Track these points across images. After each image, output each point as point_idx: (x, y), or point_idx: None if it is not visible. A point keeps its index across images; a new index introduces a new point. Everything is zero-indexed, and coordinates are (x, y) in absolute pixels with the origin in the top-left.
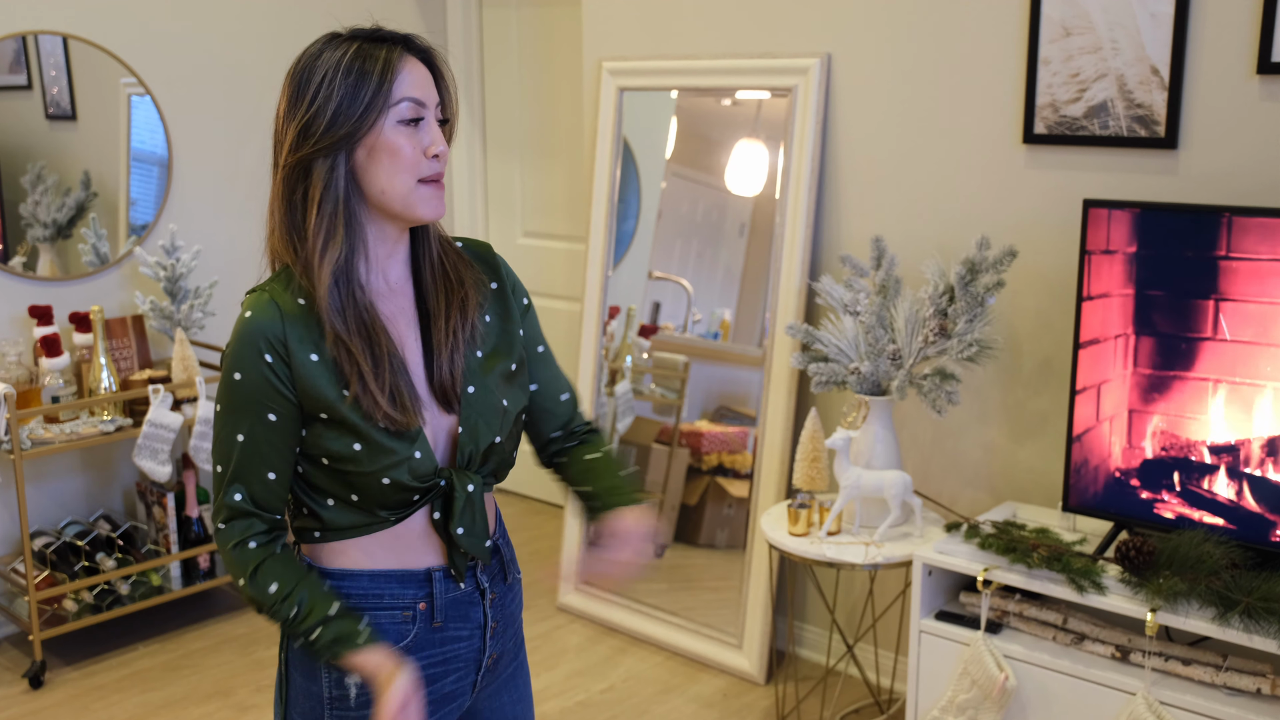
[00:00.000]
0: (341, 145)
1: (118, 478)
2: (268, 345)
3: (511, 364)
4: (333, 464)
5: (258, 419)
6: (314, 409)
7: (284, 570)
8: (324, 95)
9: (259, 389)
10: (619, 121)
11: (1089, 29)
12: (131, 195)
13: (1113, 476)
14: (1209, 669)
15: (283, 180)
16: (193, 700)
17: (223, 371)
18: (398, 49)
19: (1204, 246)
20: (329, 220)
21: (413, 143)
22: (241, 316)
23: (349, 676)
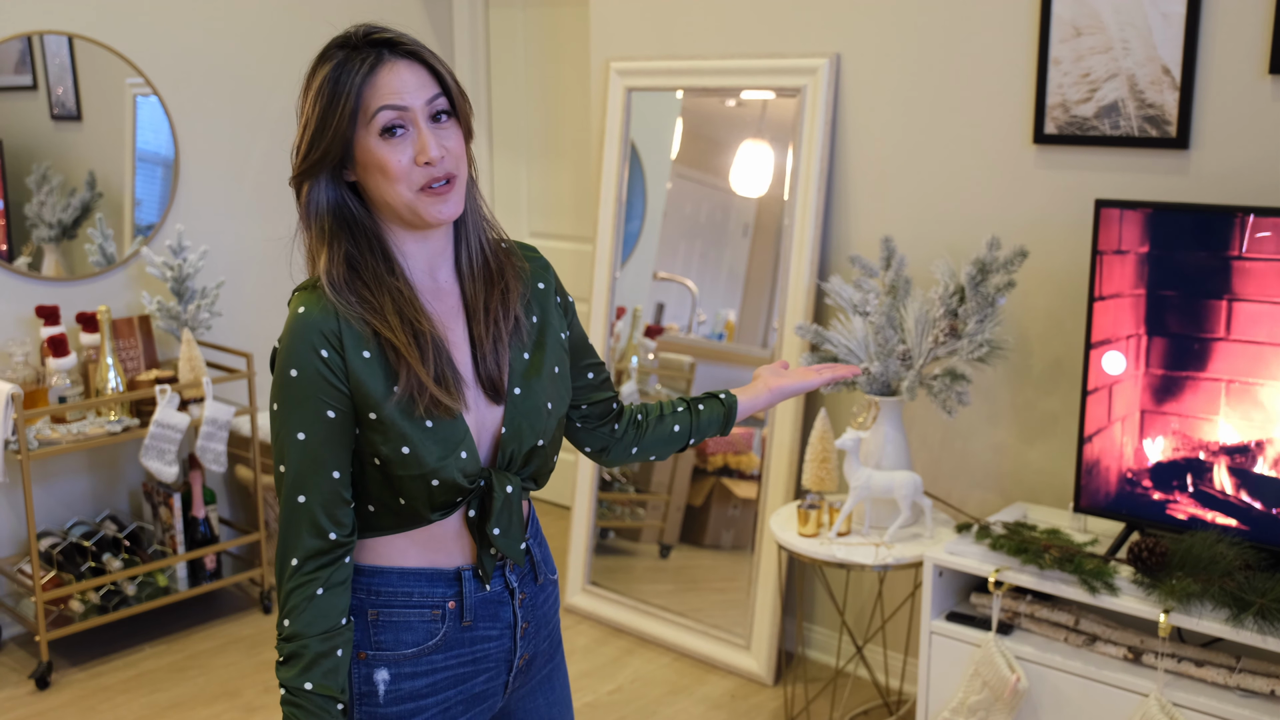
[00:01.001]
0: (318, 168)
1: (124, 478)
2: (323, 340)
3: (555, 365)
4: (384, 466)
5: (317, 416)
6: (365, 407)
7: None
8: (307, 117)
9: (316, 385)
10: (627, 122)
11: (1100, 29)
12: (136, 195)
13: (1124, 477)
14: (1222, 670)
15: (296, 197)
16: (200, 701)
17: (277, 369)
18: (376, 54)
19: (1217, 246)
20: (317, 238)
21: (399, 154)
22: (294, 312)
23: (377, 673)
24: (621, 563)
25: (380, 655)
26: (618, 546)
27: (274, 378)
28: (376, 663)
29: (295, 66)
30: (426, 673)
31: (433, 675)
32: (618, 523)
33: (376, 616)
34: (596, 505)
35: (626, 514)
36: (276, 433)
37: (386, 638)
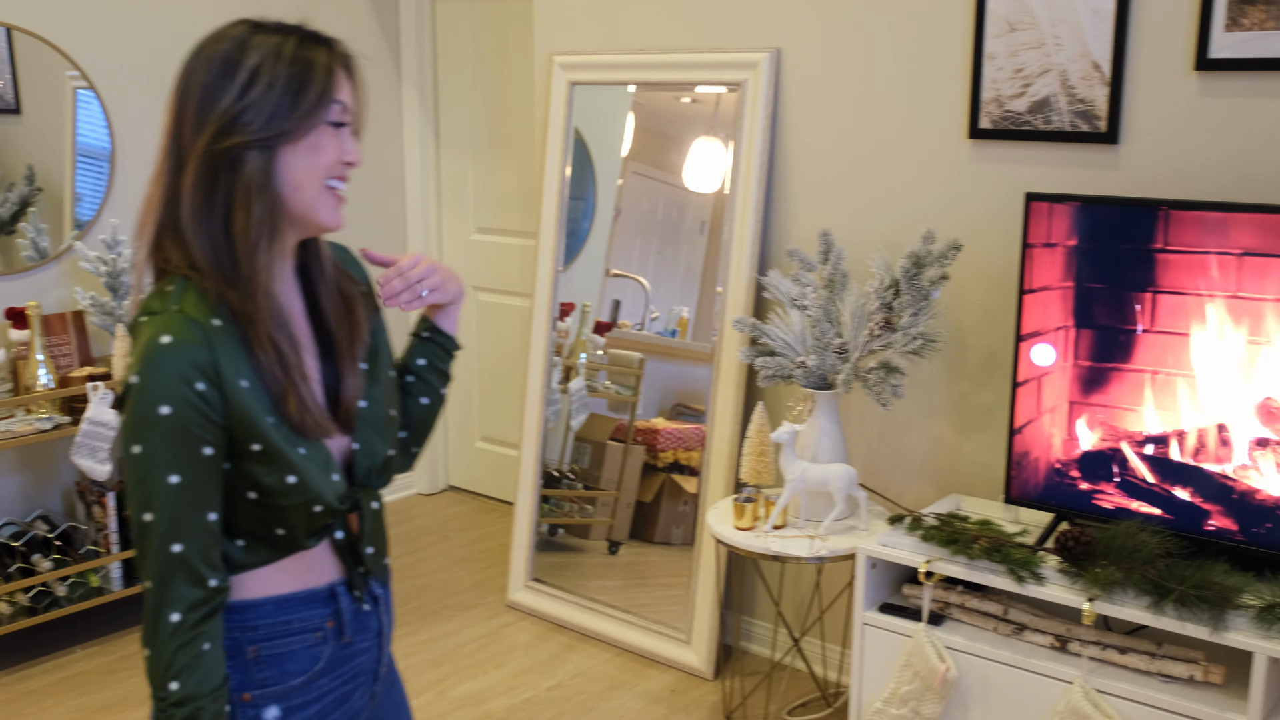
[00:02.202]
0: (281, 139)
1: (57, 477)
2: (197, 373)
3: (388, 369)
4: (261, 497)
5: (192, 456)
6: (246, 439)
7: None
8: (264, 82)
9: (192, 422)
10: (570, 115)
11: (1033, 24)
12: (78, 190)
13: (1053, 468)
14: (1144, 657)
15: (200, 173)
16: (131, 703)
17: (138, 407)
18: (333, 51)
19: (1141, 239)
20: (267, 216)
21: (335, 145)
22: (153, 341)
23: (266, 711)
24: (570, 559)
25: (268, 692)
26: (566, 543)
27: (133, 417)
28: (264, 701)
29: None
30: (316, 699)
31: (321, 701)
32: (566, 519)
33: (257, 653)
34: (539, 502)
35: (575, 510)
36: (141, 478)
37: (271, 672)
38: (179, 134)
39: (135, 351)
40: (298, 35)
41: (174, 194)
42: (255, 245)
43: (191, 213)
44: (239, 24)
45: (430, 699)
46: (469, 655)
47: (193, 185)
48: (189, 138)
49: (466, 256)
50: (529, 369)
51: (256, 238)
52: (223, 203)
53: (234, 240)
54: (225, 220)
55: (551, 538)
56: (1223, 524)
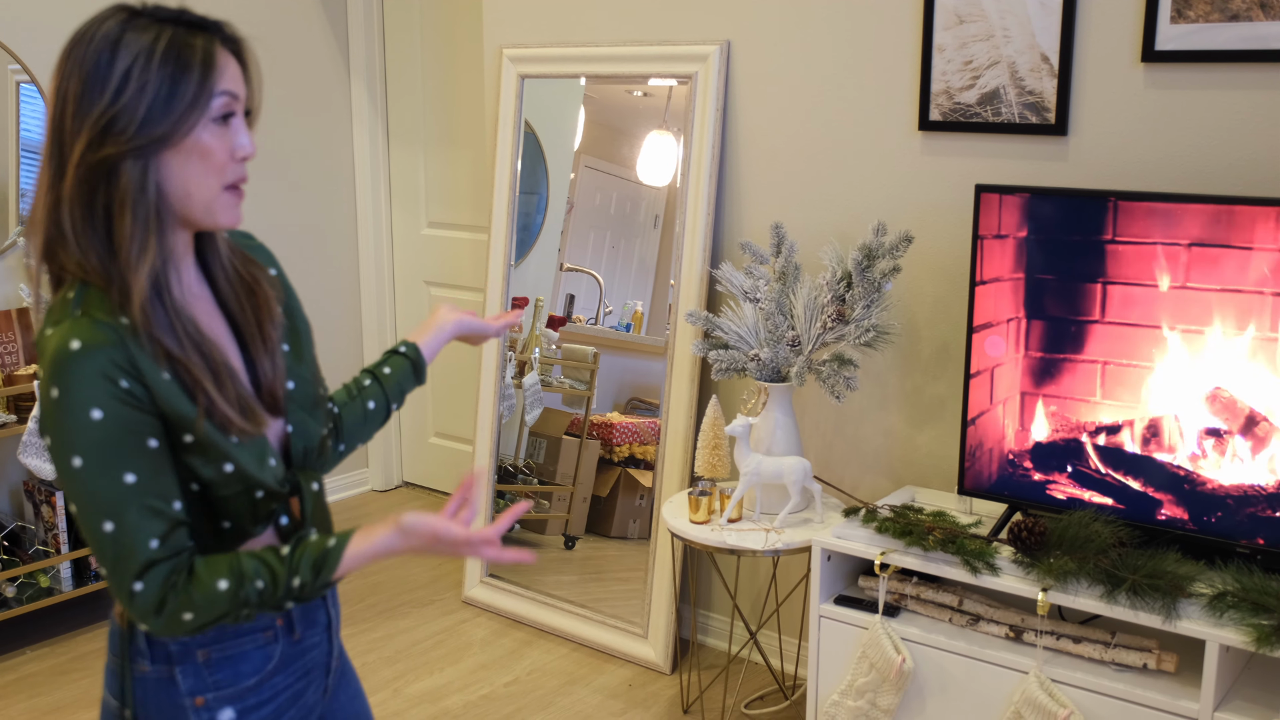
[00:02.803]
0: (158, 145)
1: (4, 476)
2: (118, 370)
3: (309, 348)
4: (204, 490)
5: (140, 451)
6: (179, 432)
7: (214, 567)
8: (135, 86)
9: (128, 420)
10: (520, 109)
11: (981, 16)
12: (23, 186)
13: (1006, 459)
14: (1098, 646)
15: (79, 182)
16: (83, 705)
17: (65, 418)
18: (214, 39)
19: (1091, 231)
20: (142, 228)
21: (223, 144)
22: (65, 349)
23: (221, 714)
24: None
25: (221, 694)
26: (522, 538)
27: (63, 430)
28: (218, 704)
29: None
30: (270, 698)
31: (275, 700)
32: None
33: (208, 655)
34: (495, 497)
35: (531, 506)
36: (93, 491)
37: (224, 674)
38: (59, 140)
39: (45, 364)
40: (174, 25)
41: (56, 205)
42: (130, 261)
43: (74, 224)
44: (113, 14)
45: (386, 696)
46: (425, 652)
47: (72, 196)
48: (67, 145)
49: (418, 251)
50: (482, 364)
51: (132, 253)
52: (103, 214)
53: (117, 255)
54: (107, 233)
55: (508, 533)
56: (1174, 513)
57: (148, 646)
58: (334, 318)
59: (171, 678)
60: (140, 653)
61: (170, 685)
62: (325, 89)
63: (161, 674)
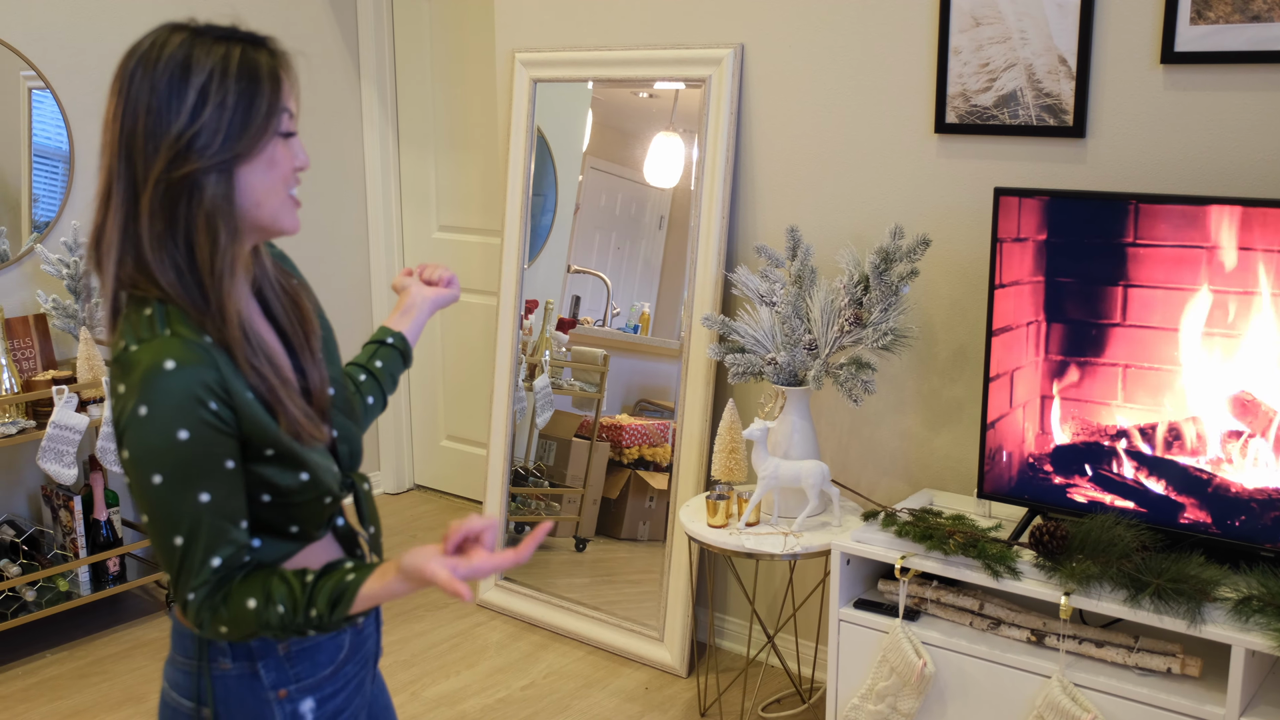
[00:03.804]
0: (238, 160)
1: (23, 482)
2: (209, 393)
3: (336, 352)
4: (276, 498)
5: (217, 472)
6: (261, 446)
7: (249, 585)
8: (214, 103)
9: (211, 441)
10: (532, 113)
11: (998, 19)
12: (35, 192)
13: (1026, 462)
14: (1121, 650)
15: (159, 200)
16: (103, 708)
17: (149, 436)
18: (274, 55)
19: (1112, 233)
20: (229, 240)
21: (288, 155)
22: (158, 368)
23: (302, 704)
24: (537, 557)
25: (302, 685)
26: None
27: (146, 447)
28: (300, 695)
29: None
30: (343, 687)
31: (346, 688)
32: (532, 517)
33: (288, 648)
34: (509, 500)
35: (541, 508)
36: (169, 506)
37: (303, 666)
38: (129, 159)
39: (133, 381)
40: (239, 42)
41: (131, 224)
42: (222, 273)
43: (153, 243)
44: (175, 31)
45: (405, 699)
46: (441, 655)
47: (150, 214)
48: (141, 165)
49: (429, 255)
50: (496, 367)
51: (223, 265)
52: (184, 231)
53: (199, 270)
54: (189, 249)
55: (518, 535)
56: (1197, 517)
57: (229, 644)
58: (346, 321)
59: (254, 673)
60: (221, 651)
61: (253, 680)
62: (336, 92)
63: (243, 670)
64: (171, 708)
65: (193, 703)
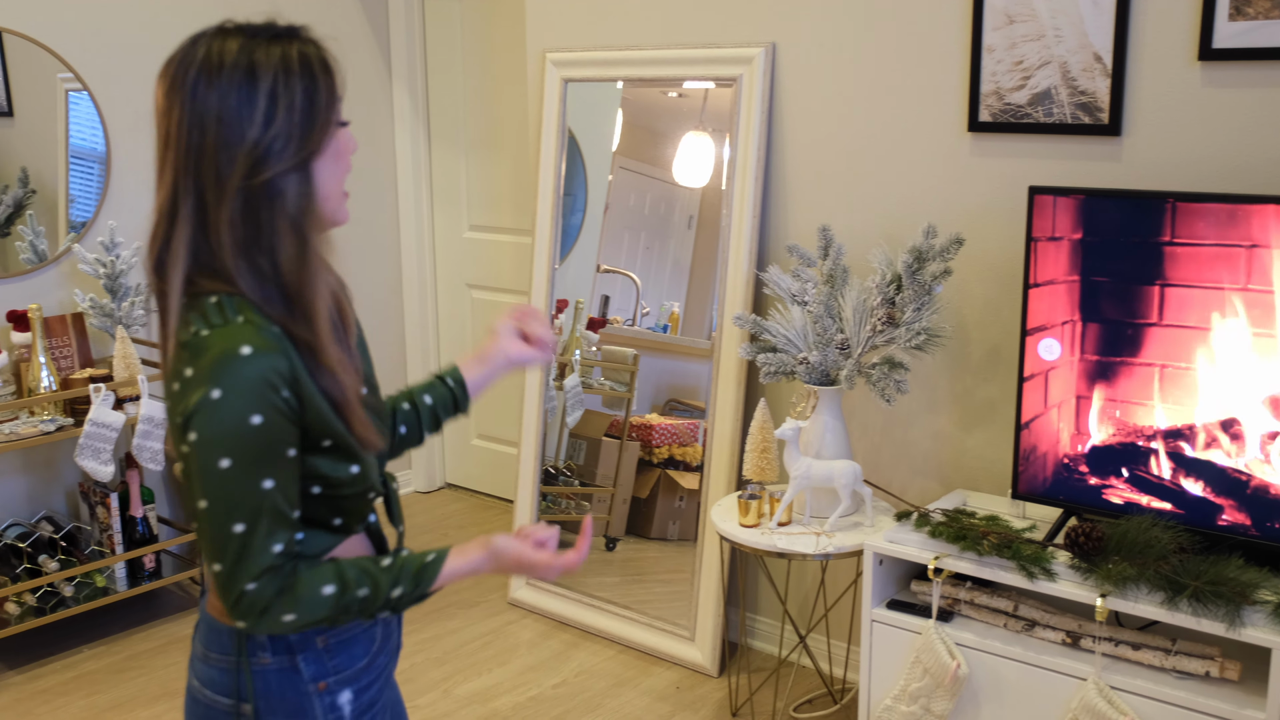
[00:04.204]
0: (312, 157)
1: (60, 478)
2: (282, 380)
3: (368, 353)
4: (325, 490)
5: (281, 459)
6: (320, 437)
7: (320, 574)
8: (284, 106)
9: (280, 429)
10: (563, 113)
11: (1032, 16)
12: (71, 192)
13: (1061, 463)
14: (1158, 653)
15: (241, 207)
16: (140, 702)
17: (221, 419)
18: (320, 44)
19: (1148, 232)
20: (315, 239)
21: (347, 144)
22: (233, 352)
23: (340, 696)
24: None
25: (340, 677)
26: (563, 540)
27: (217, 430)
28: (338, 687)
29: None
30: (376, 678)
31: (379, 679)
32: (563, 516)
33: (326, 641)
34: (539, 499)
35: (571, 507)
36: (234, 493)
37: (341, 659)
38: (199, 172)
39: (203, 364)
40: (289, 39)
41: (204, 235)
42: (312, 274)
43: (234, 252)
44: (226, 37)
45: (436, 697)
46: (473, 653)
47: (230, 224)
48: (214, 176)
49: (459, 254)
50: None
51: (312, 266)
52: (268, 236)
53: (283, 272)
54: (272, 253)
55: None
56: (1236, 519)
57: (268, 639)
58: (376, 320)
59: (294, 667)
60: (260, 646)
61: (293, 674)
62: (367, 91)
63: (284, 664)
64: (205, 705)
65: (231, 699)
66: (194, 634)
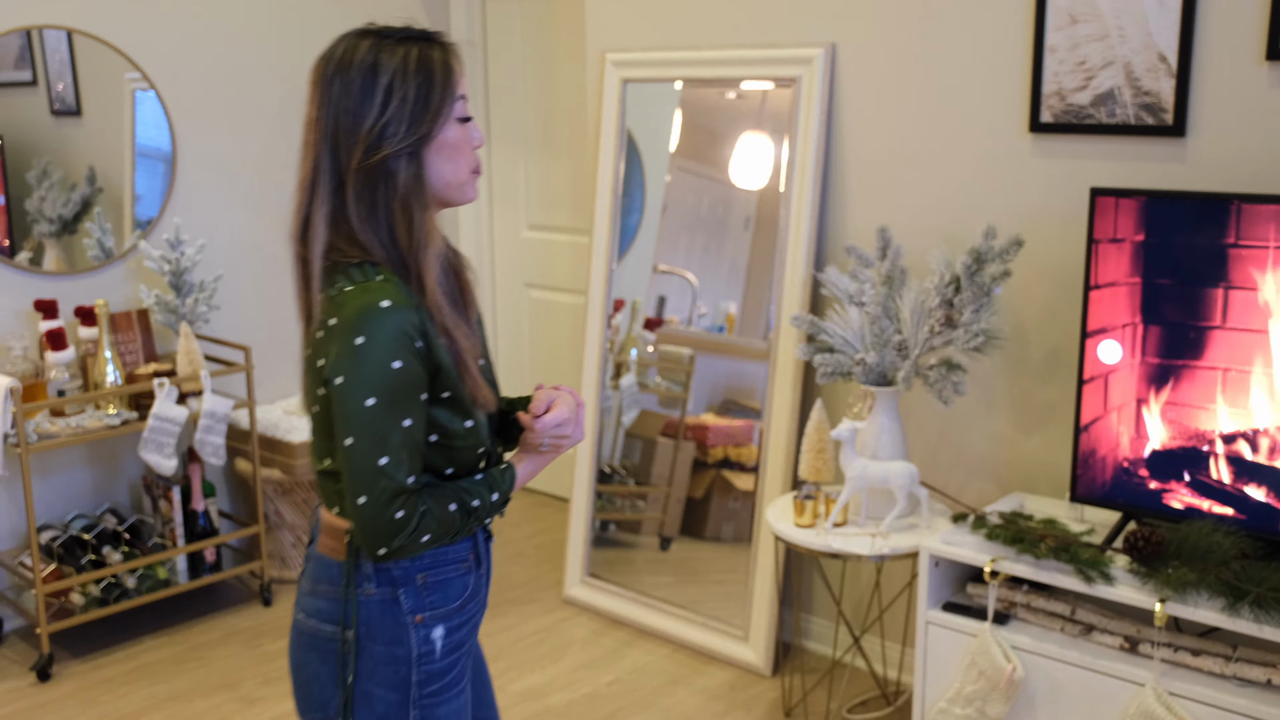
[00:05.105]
0: (422, 143)
1: (124, 471)
2: (416, 332)
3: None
4: (442, 440)
5: (415, 401)
6: (443, 388)
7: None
8: (398, 98)
9: (415, 374)
10: (623, 113)
11: (1096, 16)
12: (136, 190)
13: (1121, 467)
14: (1218, 660)
15: (361, 184)
16: (200, 693)
17: (367, 363)
18: (446, 49)
19: (1213, 234)
20: (421, 212)
21: (466, 136)
22: (375, 305)
23: (434, 630)
24: (622, 555)
25: (435, 613)
26: (618, 539)
27: (362, 373)
28: (433, 622)
29: (292, 60)
30: (466, 622)
31: (469, 623)
32: (618, 515)
33: (425, 579)
34: (595, 498)
35: (627, 506)
36: (377, 429)
37: (437, 596)
38: (333, 153)
39: (347, 315)
40: (416, 42)
41: (339, 209)
42: (421, 245)
43: (360, 224)
44: (362, 38)
45: None
46: (527, 650)
47: (356, 199)
48: (343, 157)
49: (517, 253)
50: (584, 365)
51: (420, 238)
52: (384, 211)
53: (399, 244)
54: (389, 226)
55: (603, 533)
56: None
57: (374, 572)
58: None
59: (395, 599)
60: (367, 578)
61: (394, 605)
62: None
63: (386, 596)
64: (310, 635)
65: (336, 627)
66: (300, 577)
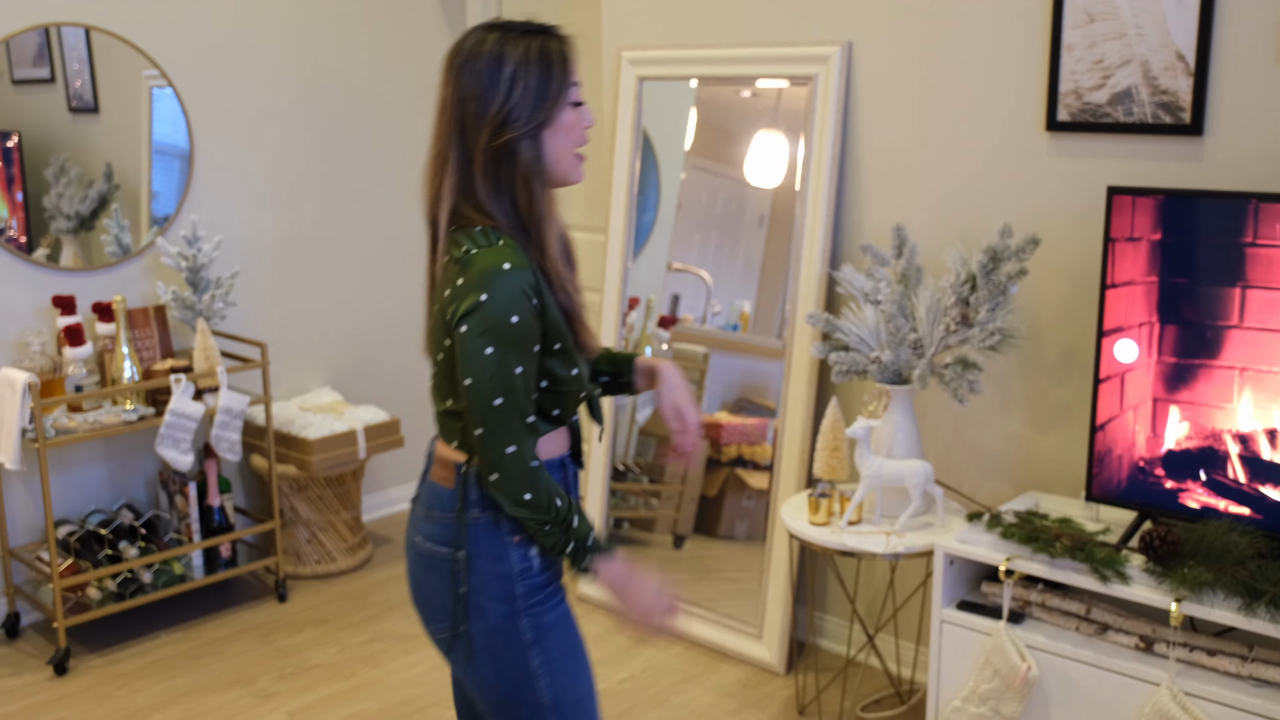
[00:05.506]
0: (541, 127)
1: (140, 467)
2: (533, 291)
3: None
4: (552, 385)
5: (529, 353)
6: (554, 339)
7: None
8: (521, 86)
9: (530, 328)
10: (639, 111)
11: (1113, 15)
12: (153, 187)
13: (1137, 466)
14: (1234, 660)
15: (487, 163)
16: (215, 688)
17: (489, 316)
18: (563, 41)
19: (1230, 233)
20: (541, 188)
21: (578, 120)
22: (498, 266)
23: (531, 549)
24: (635, 553)
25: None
26: (632, 537)
27: (485, 325)
28: (528, 542)
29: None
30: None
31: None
32: (631, 513)
33: None
34: (609, 495)
35: (640, 504)
36: (494, 373)
37: None
38: (463, 134)
39: (472, 274)
40: (537, 35)
41: (467, 182)
42: (541, 216)
43: (486, 197)
44: (489, 31)
45: None
46: None
47: (483, 176)
48: (472, 138)
49: None
50: None
51: (541, 210)
52: (507, 186)
53: (521, 215)
54: (512, 200)
55: (617, 531)
56: None
57: (480, 498)
58: None
59: (497, 522)
60: (474, 503)
61: (496, 527)
62: None
63: (489, 519)
64: (427, 556)
65: (449, 548)
66: (412, 506)
